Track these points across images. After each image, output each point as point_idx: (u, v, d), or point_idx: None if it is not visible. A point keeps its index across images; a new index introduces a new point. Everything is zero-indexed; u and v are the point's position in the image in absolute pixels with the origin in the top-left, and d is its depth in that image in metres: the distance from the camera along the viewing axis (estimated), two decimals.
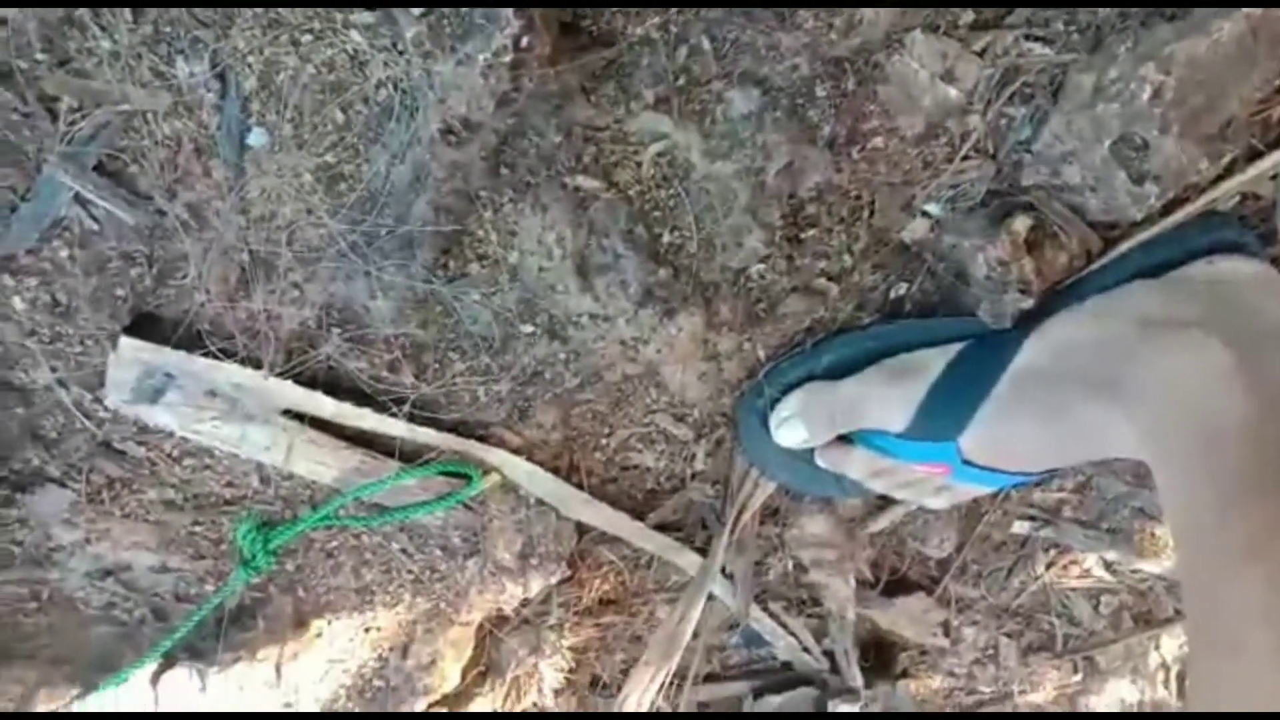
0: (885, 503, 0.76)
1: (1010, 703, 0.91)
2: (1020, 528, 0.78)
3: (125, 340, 0.57)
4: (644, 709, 0.75)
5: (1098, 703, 0.91)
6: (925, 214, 0.62)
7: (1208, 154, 0.55)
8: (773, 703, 0.87)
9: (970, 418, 0.59)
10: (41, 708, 0.69)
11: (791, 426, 0.65)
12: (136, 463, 0.65)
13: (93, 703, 0.68)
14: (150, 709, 0.70)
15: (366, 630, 0.75)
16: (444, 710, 0.79)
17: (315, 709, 0.75)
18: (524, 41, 0.48)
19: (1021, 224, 0.59)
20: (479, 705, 0.79)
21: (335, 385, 0.62)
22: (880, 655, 0.87)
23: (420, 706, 0.77)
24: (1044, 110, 0.57)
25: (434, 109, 0.52)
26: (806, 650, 0.84)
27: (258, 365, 0.59)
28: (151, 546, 0.69)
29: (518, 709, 0.82)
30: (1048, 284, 0.60)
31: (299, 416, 0.63)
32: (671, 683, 0.85)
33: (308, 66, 0.52)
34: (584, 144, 0.57)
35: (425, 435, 0.65)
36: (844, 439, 0.67)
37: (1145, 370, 0.52)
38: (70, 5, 0.49)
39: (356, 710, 0.77)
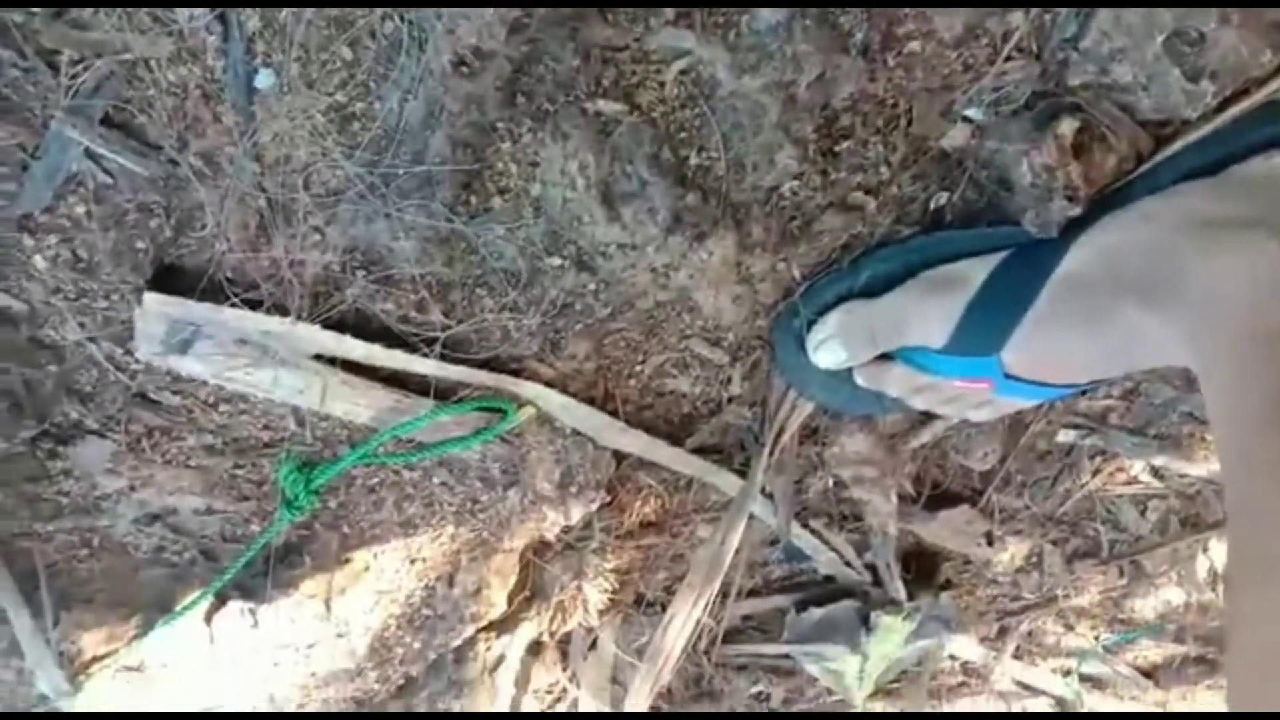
0: (927, 417, 0.75)
1: (1055, 607, 0.91)
2: (1066, 436, 0.77)
3: (150, 295, 0.56)
4: (689, 629, 0.76)
5: (1143, 606, 0.91)
6: (966, 119, 0.59)
7: (1271, 44, 0.51)
8: (815, 615, 0.87)
9: (1012, 331, 0.57)
10: (102, 650, 0.71)
11: (830, 348, 0.64)
12: (173, 411, 0.65)
13: (150, 642, 0.70)
14: (205, 646, 0.72)
15: (412, 562, 0.76)
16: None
17: (366, 639, 0.77)
18: None
19: (1068, 126, 0.56)
20: (525, 629, 0.81)
21: (364, 327, 0.62)
22: (922, 566, 0.87)
23: (469, 633, 0.78)
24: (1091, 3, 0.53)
25: (443, 40, 0.49)
26: (848, 564, 0.85)
27: (284, 312, 0.59)
28: (196, 490, 0.70)
29: (564, 630, 0.83)
30: (1095, 189, 0.58)
31: (330, 360, 0.63)
32: (715, 598, 0.86)
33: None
34: (603, 66, 0.54)
35: (457, 372, 0.64)
36: (884, 356, 0.65)
37: (1197, 274, 0.49)
38: None
39: (408, 638, 0.78)
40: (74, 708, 0.71)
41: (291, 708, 0.81)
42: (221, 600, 0.73)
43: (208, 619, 0.72)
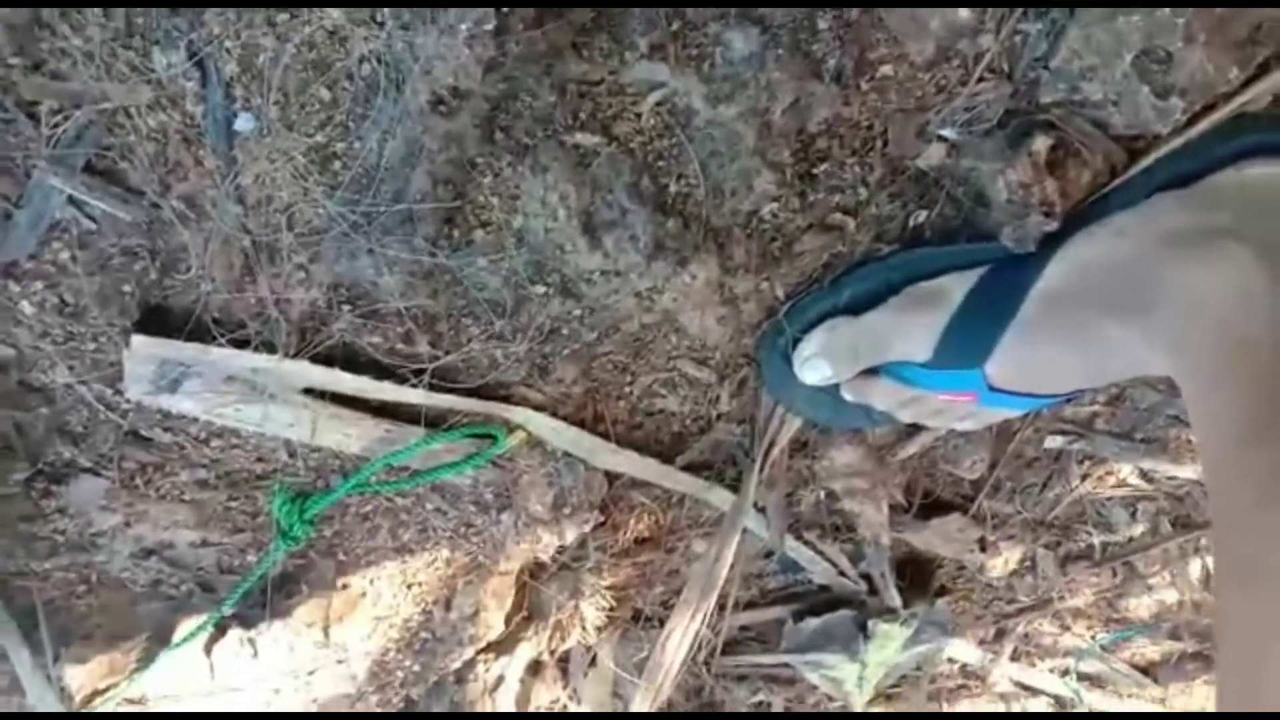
0: (915, 429, 0.76)
1: (1050, 609, 0.91)
2: (1053, 442, 0.78)
3: (137, 339, 0.57)
4: (687, 643, 0.77)
5: (1137, 605, 0.91)
6: (941, 139, 0.60)
7: (1237, 60, 0.52)
8: (812, 624, 0.88)
9: (994, 344, 0.58)
10: (104, 684, 0.71)
11: (815, 365, 0.64)
12: (165, 447, 0.66)
13: (151, 675, 0.71)
14: (206, 677, 0.73)
15: (409, 586, 0.77)
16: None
17: (366, 664, 0.78)
18: (505, 7, 0.46)
19: (1042, 143, 0.57)
20: (524, 650, 0.81)
21: (352, 360, 0.62)
22: (917, 574, 0.88)
23: (468, 655, 0.79)
24: (1061, 24, 0.54)
25: (420, 81, 0.50)
26: (843, 574, 0.85)
27: (272, 349, 0.59)
28: (190, 524, 0.70)
29: (563, 649, 0.84)
30: (1071, 203, 0.58)
31: (320, 394, 0.63)
32: (712, 611, 0.87)
33: (287, 46, 0.50)
34: (579, 100, 0.54)
35: (447, 401, 0.65)
36: (869, 371, 0.66)
37: (1172, 285, 0.50)
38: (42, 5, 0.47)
39: (407, 662, 0.79)
40: None
41: None
42: (221, 631, 0.73)
43: (207, 650, 0.73)
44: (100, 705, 0.71)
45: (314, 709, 0.81)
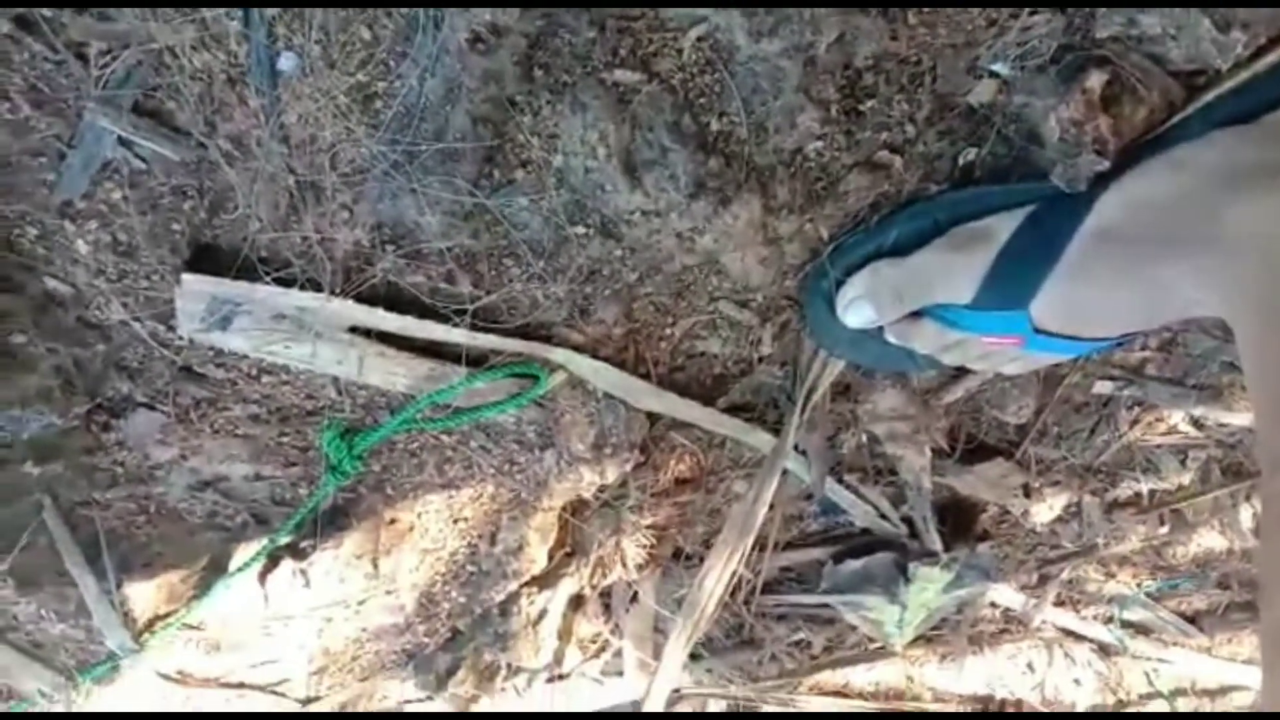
0: (960, 372, 0.75)
1: (1095, 556, 0.91)
2: (1102, 388, 0.76)
3: (188, 276, 0.58)
4: (724, 583, 0.77)
5: (1184, 553, 0.90)
6: (992, 74, 0.58)
7: None
8: (852, 566, 0.88)
9: (1040, 284, 0.57)
10: (164, 609, 0.74)
11: (858, 308, 0.64)
12: (218, 383, 0.68)
13: (208, 602, 0.74)
14: (260, 605, 0.75)
15: (455, 521, 0.78)
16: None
17: (414, 595, 0.80)
18: None
19: (1096, 79, 0.55)
20: (566, 585, 0.83)
21: (396, 300, 0.63)
22: (960, 518, 0.87)
23: (512, 588, 0.81)
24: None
25: (459, 17, 0.50)
26: (884, 517, 0.85)
27: (318, 288, 0.60)
28: (244, 458, 0.72)
29: (604, 584, 0.85)
30: (1125, 142, 0.56)
31: (366, 332, 0.64)
32: (752, 551, 0.88)
33: None
34: (619, 36, 0.54)
35: (489, 341, 0.66)
36: (914, 314, 0.65)
37: (1230, 223, 0.48)
38: None
39: (453, 594, 0.81)
40: (140, 663, 0.75)
41: (346, 660, 0.85)
42: (274, 561, 0.76)
43: (261, 579, 0.76)
44: (160, 630, 0.74)
45: (364, 637, 0.84)
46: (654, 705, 0.78)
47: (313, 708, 0.87)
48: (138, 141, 0.54)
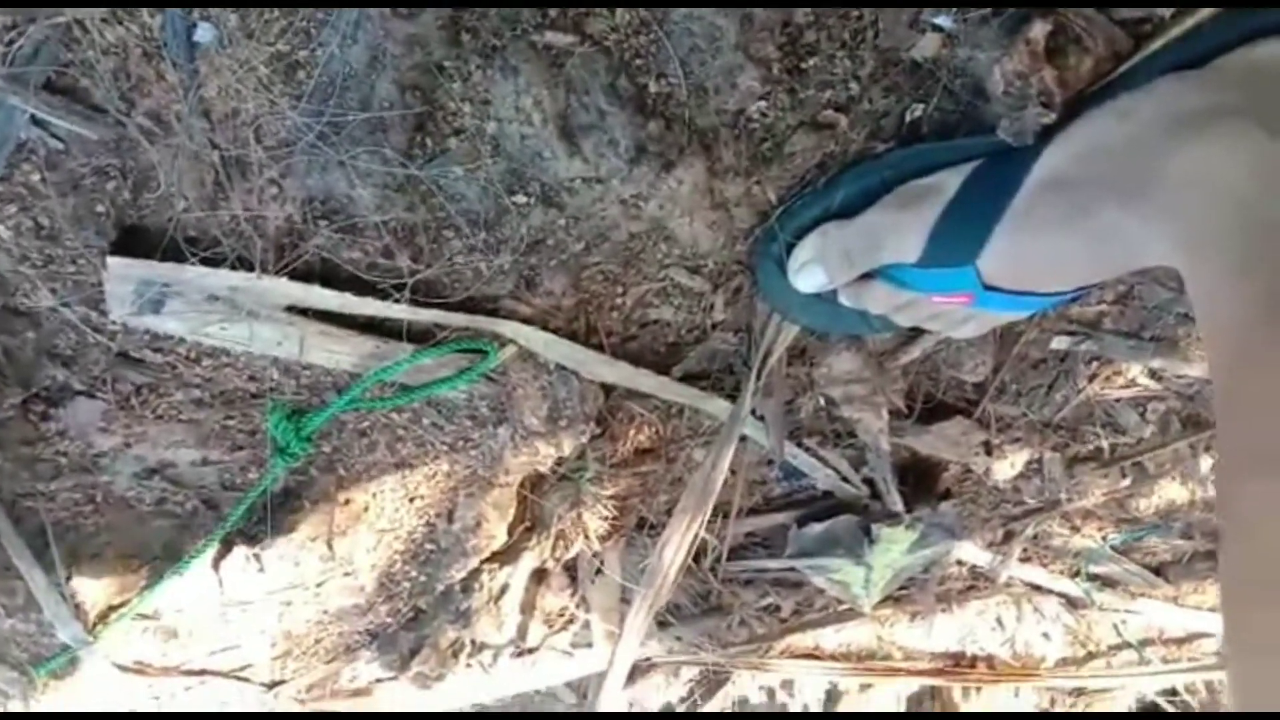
0: (915, 333, 0.74)
1: (1059, 511, 0.91)
2: (1060, 343, 0.76)
3: (113, 260, 0.56)
4: (684, 552, 0.77)
5: (1147, 505, 0.91)
6: (935, 28, 0.57)
7: None
8: (816, 530, 0.88)
9: (987, 238, 0.56)
10: (116, 600, 0.73)
11: (810, 272, 0.63)
12: (156, 368, 0.66)
13: (161, 591, 0.73)
14: (216, 592, 0.74)
15: (410, 500, 0.77)
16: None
17: (374, 576, 0.79)
18: None
19: (1039, 30, 0.54)
20: (527, 559, 0.82)
21: (333, 276, 0.61)
22: (922, 478, 0.87)
23: (472, 565, 0.80)
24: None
25: None
26: (846, 480, 0.85)
27: (250, 267, 0.58)
28: (190, 443, 0.71)
29: (567, 557, 0.85)
30: (1072, 93, 0.56)
31: (304, 311, 0.63)
32: (715, 517, 0.87)
33: None
34: None
35: (432, 315, 0.64)
36: (866, 275, 0.64)
37: (1179, 167, 0.47)
38: None
39: (413, 573, 0.80)
40: (96, 655, 0.74)
41: (309, 644, 0.84)
42: (227, 547, 0.74)
43: (215, 566, 0.74)
44: (114, 620, 0.73)
45: (326, 619, 0.83)
46: (617, 676, 0.77)
47: (279, 691, 0.86)
48: (52, 121, 0.52)
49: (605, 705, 0.79)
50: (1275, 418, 0.40)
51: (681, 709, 1.07)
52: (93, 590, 0.72)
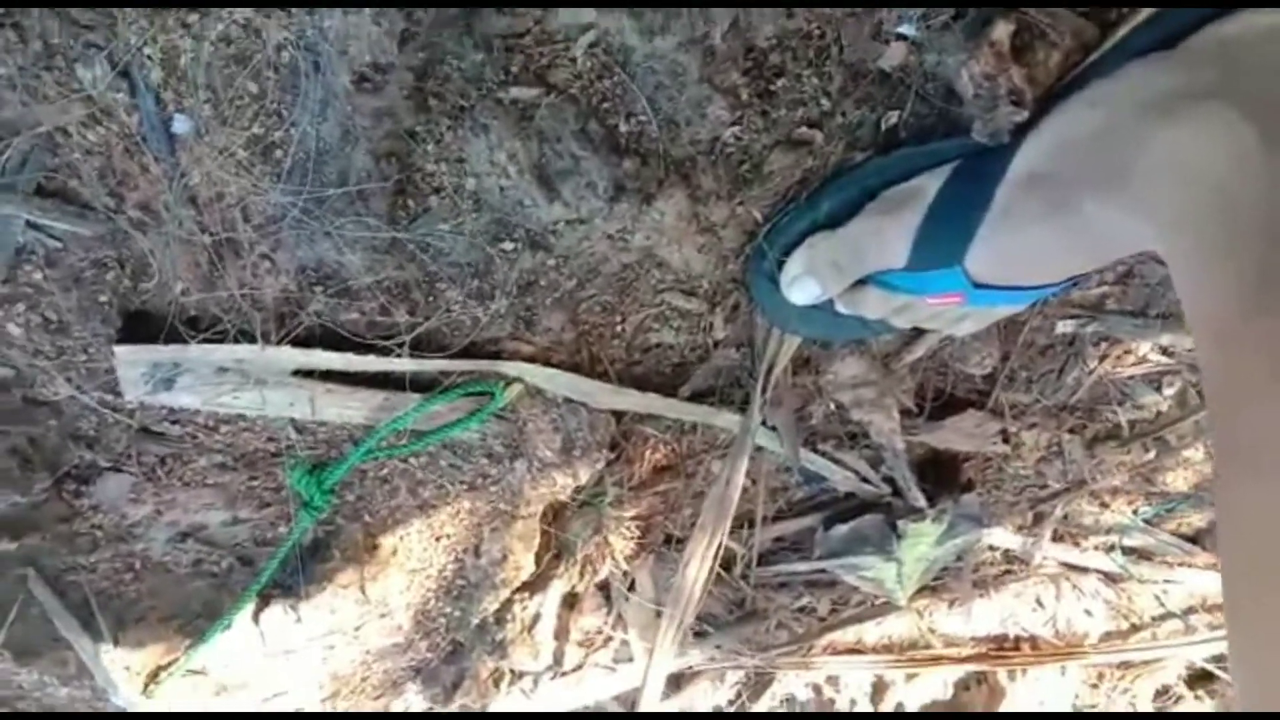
0: (918, 333, 0.74)
1: (1085, 490, 0.90)
2: (1065, 327, 0.75)
3: (120, 349, 0.58)
4: (707, 568, 0.78)
5: (1175, 478, 0.90)
6: (900, 37, 0.57)
7: None
8: (842, 530, 0.88)
9: (971, 237, 0.56)
10: (164, 660, 0.76)
11: (802, 285, 0.63)
12: (177, 439, 0.68)
13: (206, 649, 0.75)
14: (259, 644, 0.77)
15: (437, 539, 0.79)
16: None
17: (409, 615, 0.81)
18: None
19: (1002, 30, 0.54)
20: (556, 586, 0.84)
21: (335, 338, 0.63)
22: (943, 471, 0.87)
23: (503, 596, 0.82)
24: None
25: (338, 62, 0.49)
26: (865, 480, 0.85)
27: (253, 339, 0.60)
28: (218, 505, 0.73)
29: (596, 580, 0.86)
30: (1042, 89, 0.55)
31: (310, 373, 0.64)
32: (741, 527, 0.88)
33: (205, 45, 0.49)
34: (508, 55, 0.53)
35: (436, 364, 0.66)
36: (859, 281, 0.64)
37: (1153, 154, 0.46)
38: None
39: (447, 609, 0.82)
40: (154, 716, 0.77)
41: (356, 682, 0.87)
42: (265, 600, 0.77)
43: (255, 619, 0.77)
44: (165, 680, 0.76)
45: (369, 659, 0.85)
46: (651, 694, 0.79)
47: None
48: (47, 223, 0.54)
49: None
50: (1261, 409, 0.39)
51: (731, 710, 1.08)
52: (140, 653, 0.75)
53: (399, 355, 0.63)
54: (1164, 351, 0.78)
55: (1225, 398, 0.42)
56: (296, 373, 0.64)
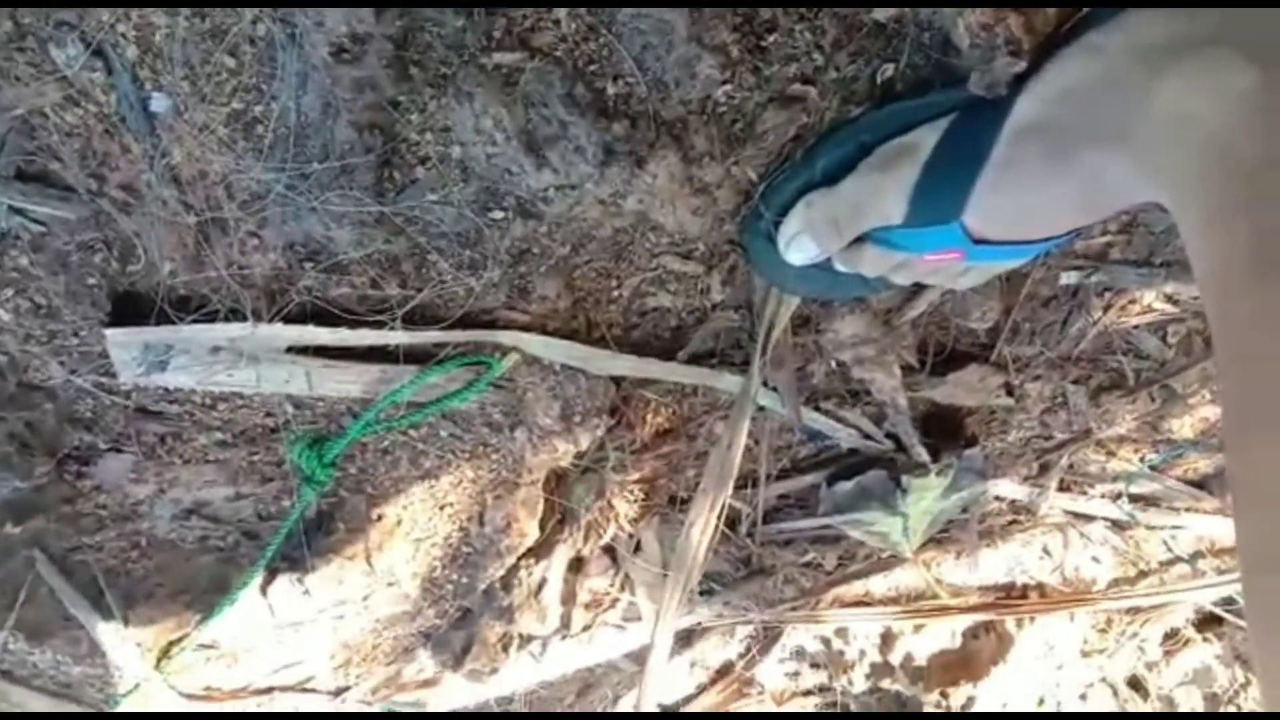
0: (919, 288, 0.73)
1: (1091, 439, 0.90)
2: (1069, 278, 0.74)
3: (111, 331, 0.58)
4: (711, 530, 0.78)
5: (1181, 425, 0.89)
6: None
7: None
8: (846, 486, 0.88)
9: (969, 192, 0.54)
10: (175, 635, 0.76)
11: (800, 244, 0.62)
12: (175, 418, 0.68)
13: (216, 623, 0.76)
14: (268, 617, 0.77)
15: (440, 508, 0.79)
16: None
17: (416, 583, 0.82)
18: None
19: None
20: (562, 551, 0.84)
21: (328, 314, 0.62)
22: (946, 425, 0.86)
23: (509, 563, 0.82)
24: None
25: (315, 34, 0.48)
26: (868, 436, 0.85)
27: (244, 316, 0.60)
28: (221, 481, 0.73)
29: (600, 545, 0.86)
30: (1040, 39, 0.54)
31: (304, 349, 0.64)
32: (745, 486, 0.88)
33: (179, 20, 0.48)
34: (489, 19, 0.52)
35: (431, 336, 0.65)
36: (858, 239, 0.63)
37: (1156, 102, 0.45)
38: None
39: (454, 576, 0.82)
40: (166, 688, 0.78)
41: (367, 649, 0.88)
42: (272, 574, 0.77)
43: (263, 592, 0.77)
44: (176, 655, 0.77)
45: (378, 626, 0.86)
46: (658, 656, 0.79)
47: (345, 696, 0.89)
48: (29, 207, 0.53)
49: (653, 681, 0.81)
50: (1262, 378, 0.39)
51: (741, 664, 1.09)
52: (151, 629, 0.75)
53: (393, 328, 0.63)
54: (1169, 299, 0.76)
55: (1236, 364, 0.41)
56: (290, 349, 0.64)
